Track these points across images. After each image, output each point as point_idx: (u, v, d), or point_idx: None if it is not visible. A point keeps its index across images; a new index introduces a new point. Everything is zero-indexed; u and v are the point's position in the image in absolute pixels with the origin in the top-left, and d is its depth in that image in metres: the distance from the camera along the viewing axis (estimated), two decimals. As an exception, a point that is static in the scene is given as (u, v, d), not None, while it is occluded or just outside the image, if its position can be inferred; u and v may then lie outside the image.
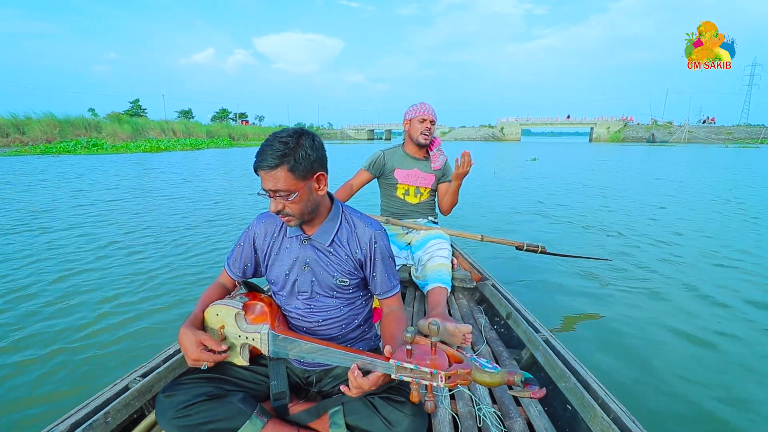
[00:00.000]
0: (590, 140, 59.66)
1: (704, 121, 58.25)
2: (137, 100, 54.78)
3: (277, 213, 1.03)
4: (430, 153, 2.30)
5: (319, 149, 1.03)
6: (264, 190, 1.01)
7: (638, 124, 58.10)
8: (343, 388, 0.96)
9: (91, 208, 6.10)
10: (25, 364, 2.04)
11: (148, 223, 5.19)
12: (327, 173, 1.07)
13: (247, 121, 71.56)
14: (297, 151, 0.98)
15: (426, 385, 0.89)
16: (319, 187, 1.06)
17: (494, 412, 1.29)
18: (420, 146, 2.25)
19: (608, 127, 57.85)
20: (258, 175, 1.00)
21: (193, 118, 60.86)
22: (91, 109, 38.63)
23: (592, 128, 59.87)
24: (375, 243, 1.14)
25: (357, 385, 0.93)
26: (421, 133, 2.20)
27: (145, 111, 53.76)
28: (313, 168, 1.01)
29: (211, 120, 63.61)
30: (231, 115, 72.09)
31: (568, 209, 6.77)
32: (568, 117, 63.58)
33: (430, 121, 2.19)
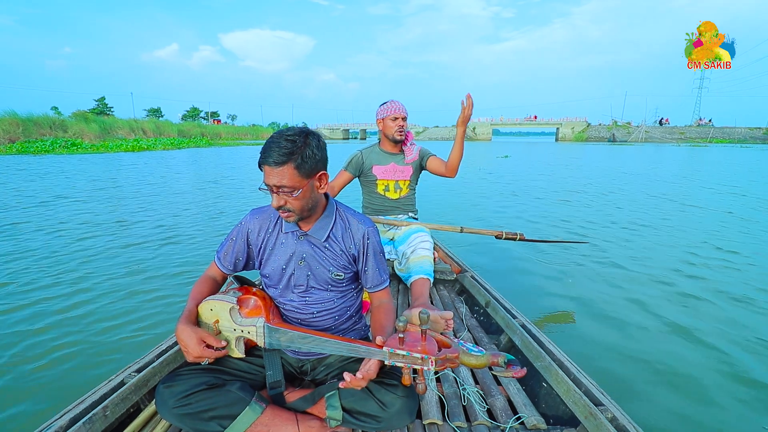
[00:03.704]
0: (556, 140, 61.95)
1: (660, 122, 61.80)
2: (103, 98, 52.21)
3: (278, 208, 1.07)
4: (404, 148, 2.40)
5: (323, 149, 1.09)
6: (266, 185, 1.05)
7: (600, 124, 60.91)
8: (343, 384, 1.00)
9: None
10: (12, 363, 2.02)
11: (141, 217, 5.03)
12: (328, 173, 1.13)
13: (219, 120, 69.41)
14: (304, 149, 1.02)
15: (417, 369, 0.96)
16: (320, 186, 1.11)
17: (477, 391, 1.38)
18: (396, 142, 2.35)
19: (573, 128, 60.29)
20: (262, 170, 1.04)
21: (162, 116, 58.59)
22: (55, 108, 36.19)
23: (558, 128, 62.17)
24: (368, 239, 1.21)
25: (364, 377, 0.99)
26: (396, 131, 2.29)
27: (112, 109, 51.24)
28: (317, 167, 1.07)
29: (182, 119, 61.30)
30: (202, 114, 69.74)
31: (546, 196, 7.24)
32: (536, 117, 65.79)
33: (402, 118, 2.28)
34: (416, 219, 2.53)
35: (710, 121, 57.70)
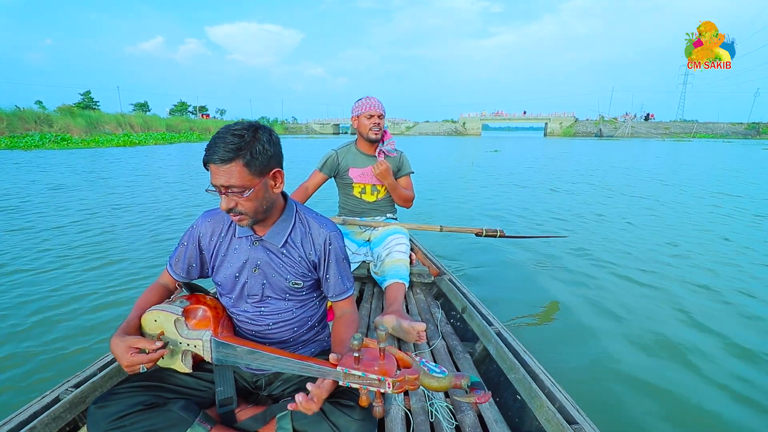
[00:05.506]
0: (545, 135, 62.40)
1: (645, 117, 62.70)
2: (88, 92, 50.77)
3: (228, 211, 0.96)
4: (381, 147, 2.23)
5: (276, 145, 0.99)
6: (214, 186, 0.94)
7: (587, 119, 61.57)
8: (292, 406, 0.92)
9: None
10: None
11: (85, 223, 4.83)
12: (283, 170, 1.03)
13: (207, 115, 67.70)
14: (254, 145, 0.92)
15: (375, 391, 0.87)
16: (275, 185, 1.01)
17: (446, 406, 1.31)
18: (371, 142, 2.19)
19: (561, 123, 60.78)
20: (208, 169, 0.94)
21: (149, 111, 57.04)
22: (39, 102, 35.05)
23: (546, 123, 62.61)
24: (330, 244, 1.11)
25: (314, 402, 0.89)
26: (370, 129, 2.13)
27: (98, 104, 49.78)
28: (270, 164, 0.97)
29: (170, 113, 59.77)
30: (190, 109, 68.04)
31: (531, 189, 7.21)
32: (525, 113, 66.12)
33: (378, 116, 2.12)
34: (395, 219, 2.43)
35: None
